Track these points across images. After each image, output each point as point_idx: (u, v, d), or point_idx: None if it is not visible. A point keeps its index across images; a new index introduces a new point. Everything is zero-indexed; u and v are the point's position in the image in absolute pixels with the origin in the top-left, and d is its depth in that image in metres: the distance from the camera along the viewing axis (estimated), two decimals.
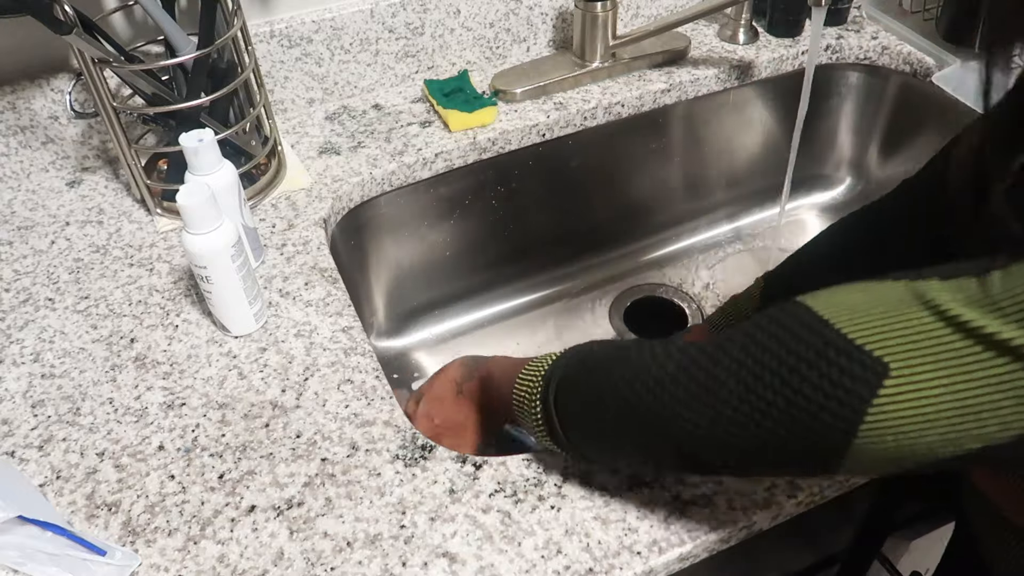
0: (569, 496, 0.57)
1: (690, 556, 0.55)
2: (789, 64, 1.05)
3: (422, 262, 1.00)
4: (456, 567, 0.54)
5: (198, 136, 0.68)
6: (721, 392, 0.41)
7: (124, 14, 0.84)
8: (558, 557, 0.54)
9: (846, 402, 0.36)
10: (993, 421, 0.34)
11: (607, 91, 0.99)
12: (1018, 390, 0.33)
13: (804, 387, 0.37)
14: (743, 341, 0.41)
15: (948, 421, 0.34)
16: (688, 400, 0.42)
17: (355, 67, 0.96)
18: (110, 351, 0.70)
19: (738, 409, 0.40)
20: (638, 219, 1.12)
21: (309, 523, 0.57)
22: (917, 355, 0.35)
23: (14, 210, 0.86)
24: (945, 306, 0.35)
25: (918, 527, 0.82)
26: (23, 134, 0.86)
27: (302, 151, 0.91)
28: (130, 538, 0.56)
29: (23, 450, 0.62)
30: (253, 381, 0.67)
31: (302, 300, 0.74)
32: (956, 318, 0.34)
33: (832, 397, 0.36)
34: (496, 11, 0.99)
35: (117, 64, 0.75)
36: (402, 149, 0.91)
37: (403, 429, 0.62)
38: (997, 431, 0.34)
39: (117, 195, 0.87)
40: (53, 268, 0.78)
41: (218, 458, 0.61)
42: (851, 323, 0.37)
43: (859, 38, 1.07)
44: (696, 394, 0.42)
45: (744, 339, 0.41)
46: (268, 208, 0.84)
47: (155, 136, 0.89)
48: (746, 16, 1.04)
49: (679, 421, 0.43)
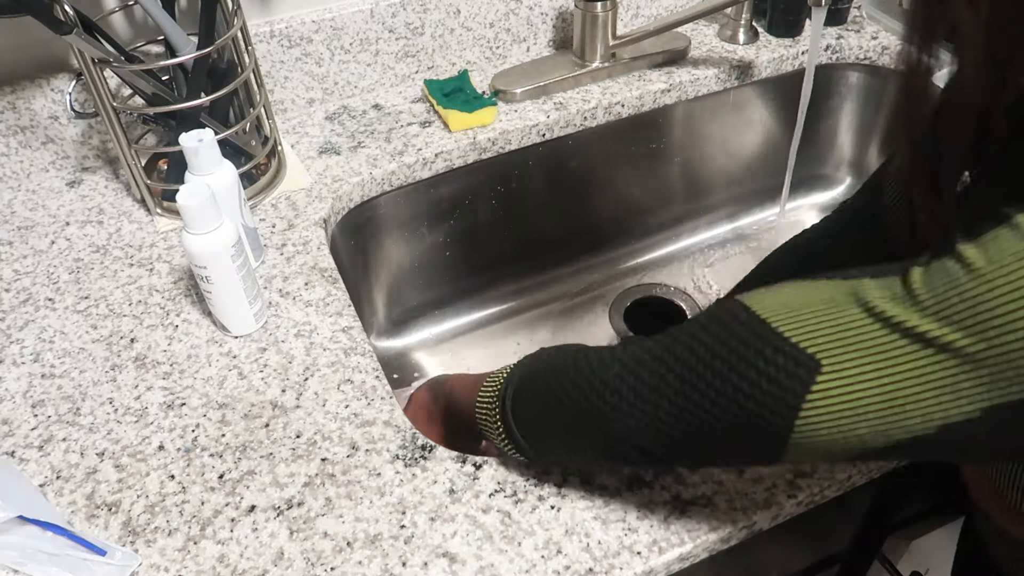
0: (569, 496, 0.57)
1: (690, 556, 0.55)
2: (789, 64, 1.05)
3: (422, 262, 1.00)
4: (456, 567, 0.54)
5: (198, 136, 0.68)
6: (663, 388, 0.42)
7: (124, 14, 0.85)
8: (558, 557, 0.54)
9: (781, 397, 0.38)
10: (916, 413, 0.35)
11: (607, 91, 0.99)
12: (937, 381, 0.34)
13: (742, 384, 0.39)
14: (685, 339, 0.42)
15: (877, 414, 0.36)
16: (632, 398, 0.44)
17: (355, 67, 0.96)
18: (110, 351, 0.70)
19: (676, 403, 0.42)
20: (638, 219, 1.12)
21: (309, 523, 0.57)
22: (848, 351, 0.36)
23: (14, 210, 0.86)
24: (873, 303, 0.36)
25: (918, 527, 0.82)
26: (23, 134, 0.87)
27: (302, 151, 0.91)
28: (130, 538, 0.56)
29: (23, 450, 0.62)
30: (253, 381, 0.67)
31: (302, 300, 0.74)
32: (883, 314, 0.36)
33: (768, 393, 0.38)
34: (496, 11, 0.99)
35: (117, 64, 0.75)
36: (402, 149, 0.91)
37: (403, 429, 0.62)
38: (920, 423, 0.35)
39: (117, 195, 0.87)
40: (53, 268, 0.78)
41: (218, 458, 0.61)
42: (786, 321, 0.38)
43: (859, 38, 1.07)
44: (639, 391, 0.43)
45: (686, 337, 0.42)
46: (268, 208, 0.84)
47: (155, 136, 0.89)
48: (746, 16, 1.04)
49: (627, 419, 0.44)
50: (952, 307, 0.34)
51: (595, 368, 0.47)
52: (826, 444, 0.38)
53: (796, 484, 0.57)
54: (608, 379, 0.45)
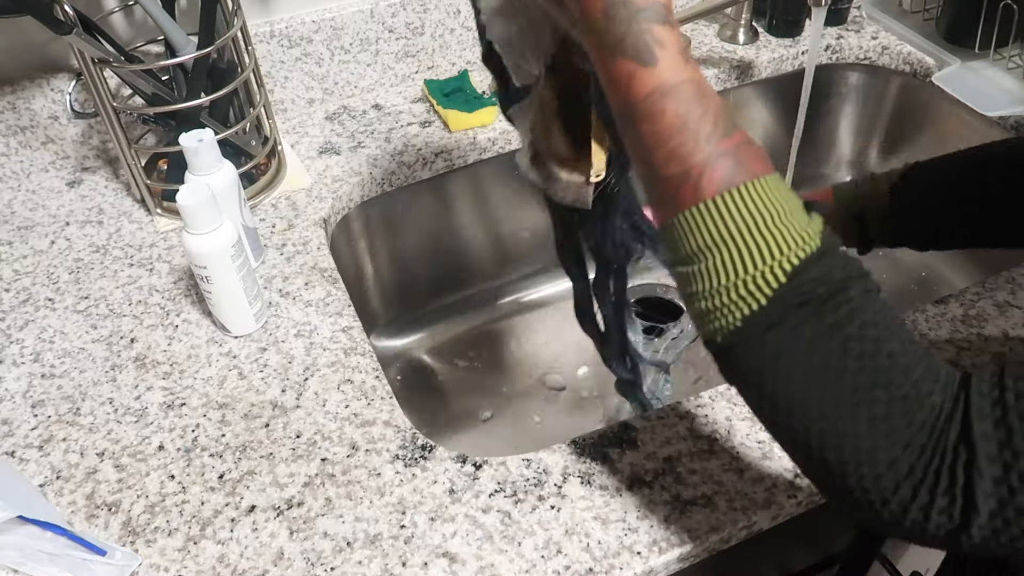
0: (569, 496, 0.57)
1: (690, 556, 0.55)
2: (789, 64, 1.05)
3: (422, 262, 1.00)
4: (456, 567, 0.54)
5: (198, 136, 0.68)
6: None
7: (124, 14, 0.85)
8: (558, 557, 0.54)
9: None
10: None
11: None
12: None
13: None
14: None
15: None
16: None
17: (355, 67, 0.96)
18: (110, 351, 0.70)
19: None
20: None
21: (309, 523, 0.57)
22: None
23: (14, 210, 0.86)
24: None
25: None
26: (23, 134, 0.87)
27: (302, 151, 0.91)
28: (130, 538, 0.56)
29: (23, 450, 0.62)
30: (253, 381, 0.67)
31: (302, 300, 0.74)
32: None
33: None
34: None
35: (117, 64, 0.75)
36: (402, 149, 0.91)
37: (403, 429, 0.62)
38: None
39: (117, 195, 0.87)
40: (53, 268, 0.78)
41: (218, 458, 0.61)
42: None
43: (859, 38, 1.07)
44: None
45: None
46: (268, 208, 0.84)
47: (155, 136, 0.89)
48: (746, 16, 1.04)
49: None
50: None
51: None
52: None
53: (796, 484, 0.57)
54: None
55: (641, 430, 0.61)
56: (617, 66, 0.40)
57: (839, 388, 0.38)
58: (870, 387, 0.37)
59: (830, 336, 0.38)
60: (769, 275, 0.38)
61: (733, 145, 0.39)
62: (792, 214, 0.39)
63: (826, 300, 0.38)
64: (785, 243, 0.38)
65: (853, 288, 0.38)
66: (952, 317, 0.69)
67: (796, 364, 0.38)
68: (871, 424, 0.37)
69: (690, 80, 0.39)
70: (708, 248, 0.39)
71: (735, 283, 0.39)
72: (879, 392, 0.37)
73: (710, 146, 0.39)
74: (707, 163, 0.39)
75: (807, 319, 0.38)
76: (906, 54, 1.04)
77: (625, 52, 0.39)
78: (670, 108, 0.39)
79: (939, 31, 1.04)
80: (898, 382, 0.37)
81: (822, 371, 0.38)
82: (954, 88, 0.97)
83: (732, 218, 0.39)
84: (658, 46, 0.39)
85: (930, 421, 0.37)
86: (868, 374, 0.37)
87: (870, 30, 1.08)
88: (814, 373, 0.38)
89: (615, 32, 0.39)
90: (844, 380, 0.38)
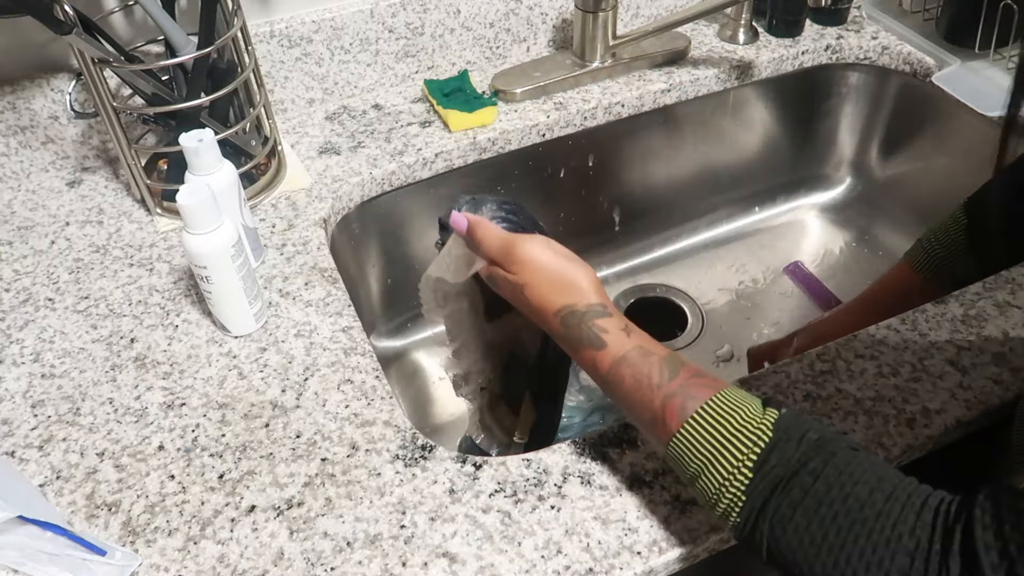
0: (569, 496, 0.57)
1: (690, 556, 0.55)
2: (789, 64, 1.05)
3: (422, 262, 1.00)
4: (456, 567, 0.54)
5: (198, 136, 0.68)
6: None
7: (124, 14, 0.85)
8: (558, 557, 0.54)
9: None
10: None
11: (607, 91, 0.99)
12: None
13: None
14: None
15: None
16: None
17: (355, 67, 0.96)
18: (110, 351, 0.70)
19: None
20: (638, 219, 1.12)
21: (309, 523, 0.57)
22: None
23: (14, 210, 0.86)
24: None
25: None
26: (23, 134, 0.86)
27: (302, 151, 0.91)
28: (130, 538, 0.56)
29: (23, 450, 0.62)
30: (253, 381, 0.67)
31: (302, 300, 0.74)
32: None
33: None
34: (496, 11, 0.99)
35: (117, 64, 0.75)
36: (402, 149, 0.91)
37: (403, 429, 0.62)
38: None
39: (117, 195, 0.87)
40: (53, 268, 0.78)
41: (218, 458, 0.61)
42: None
43: (859, 38, 1.07)
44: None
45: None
46: (268, 208, 0.84)
47: (155, 136, 0.89)
48: (746, 16, 1.04)
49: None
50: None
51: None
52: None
53: None
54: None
55: None
56: (581, 353, 0.53)
57: (831, 548, 0.43)
58: (854, 540, 0.43)
59: (805, 508, 0.44)
60: (739, 475, 0.46)
61: (678, 385, 0.50)
62: (745, 417, 0.47)
63: (790, 479, 0.45)
64: (743, 445, 0.47)
65: (813, 460, 0.45)
66: (952, 317, 0.69)
67: (791, 538, 0.45)
68: (867, 572, 0.42)
69: (634, 347, 0.52)
70: (694, 469, 0.48)
71: (720, 491, 0.47)
72: (863, 543, 0.43)
73: (662, 391, 0.50)
74: (663, 406, 0.49)
75: (782, 500, 0.45)
76: (906, 54, 1.04)
77: (582, 343, 0.53)
78: (626, 373, 0.51)
79: (939, 31, 1.04)
80: (878, 528, 0.43)
81: (813, 537, 0.44)
82: (954, 88, 0.97)
83: (696, 442, 0.48)
84: (603, 333, 0.52)
85: (920, 556, 0.41)
86: (848, 529, 0.43)
87: (870, 30, 1.08)
88: (807, 538, 0.44)
89: (572, 334, 0.53)
90: (830, 540, 0.43)
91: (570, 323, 0.53)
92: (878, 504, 0.43)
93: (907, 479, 0.45)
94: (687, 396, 0.49)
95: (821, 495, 0.44)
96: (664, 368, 0.50)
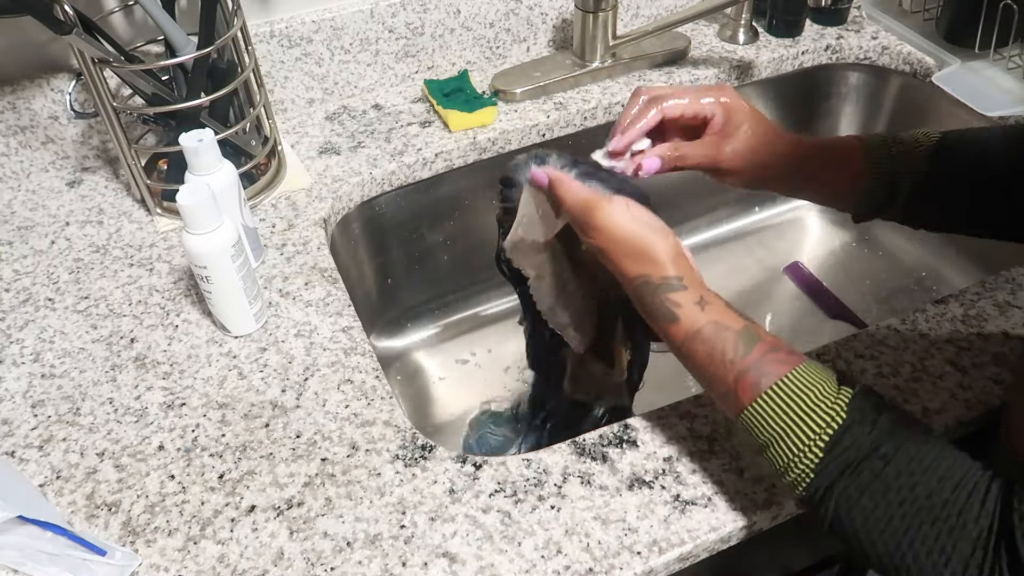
0: (569, 496, 0.57)
1: (690, 556, 0.55)
2: (789, 64, 1.05)
3: (422, 262, 1.00)
4: (456, 567, 0.54)
5: (198, 136, 0.68)
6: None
7: (124, 14, 0.85)
8: (558, 557, 0.54)
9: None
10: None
11: (607, 91, 0.99)
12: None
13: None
14: None
15: None
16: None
17: (355, 67, 0.96)
18: (110, 351, 0.70)
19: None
20: None
21: (309, 523, 0.57)
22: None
23: (14, 210, 0.86)
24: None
25: None
26: (23, 134, 0.87)
27: (302, 151, 0.91)
28: (130, 538, 0.56)
29: (23, 450, 0.62)
30: (253, 381, 0.67)
31: (302, 300, 0.74)
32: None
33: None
34: (496, 11, 0.99)
35: (117, 64, 0.75)
36: (402, 149, 0.91)
37: (403, 429, 0.62)
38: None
39: (117, 195, 0.87)
40: (53, 268, 0.78)
41: (218, 458, 0.61)
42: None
43: (859, 38, 1.07)
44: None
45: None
46: (268, 208, 0.84)
47: (155, 136, 0.89)
48: (746, 16, 1.04)
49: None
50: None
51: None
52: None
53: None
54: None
55: (641, 430, 0.61)
56: (657, 324, 0.53)
57: (895, 531, 0.45)
58: (919, 526, 0.44)
59: (873, 491, 0.45)
60: (810, 453, 0.47)
61: (753, 360, 0.50)
62: (819, 396, 0.48)
63: (861, 463, 0.46)
64: (816, 425, 0.47)
65: (884, 445, 0.46)
66: (952, 317, 0.69)
67: (856, 517, 0.46)
68: (928, 556, 0.44)
69: (708, 322, 0.51)
70: (764, 440, 0.49)
71: (789, 464, 0.48)
72: (927, 529, 0.44)
73: (735, 367, 0.50)
74: (737, 381, 0.50)
75: (851, 481, 0.46)
76: (906, 54, 1.04)
77: (655, 317, 0.53)
78: (700, 348, 0.51)
79: (939, 31, 1.04)
80: (943, 516, 0.44)
81: (878, 520, 0.45)
82: (954, 88, 0.97)
83: (769, 416, 0.49)
84: (676, 307, 0.52)
85: (980, 544, 0.43)
86: (914, 515, 0.44)
87: (870, 30, 1.08)
88: (872, 520, 0.45)
89: (646, 305, 0.53)
90: (895, 524, 0.45)
91: (644, 293, 0.53)
92: (945, 492, 0.44)
93: (974, 465, 0.45)
94: (761, 373, 0.49)
95: (890, 480, 0.45)
96: (739, 343, 0.50)
